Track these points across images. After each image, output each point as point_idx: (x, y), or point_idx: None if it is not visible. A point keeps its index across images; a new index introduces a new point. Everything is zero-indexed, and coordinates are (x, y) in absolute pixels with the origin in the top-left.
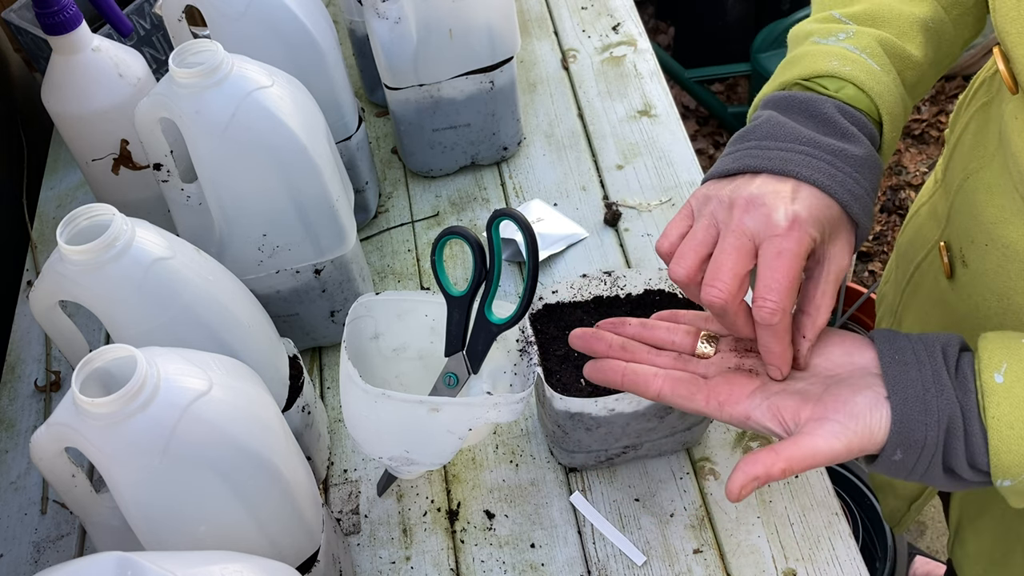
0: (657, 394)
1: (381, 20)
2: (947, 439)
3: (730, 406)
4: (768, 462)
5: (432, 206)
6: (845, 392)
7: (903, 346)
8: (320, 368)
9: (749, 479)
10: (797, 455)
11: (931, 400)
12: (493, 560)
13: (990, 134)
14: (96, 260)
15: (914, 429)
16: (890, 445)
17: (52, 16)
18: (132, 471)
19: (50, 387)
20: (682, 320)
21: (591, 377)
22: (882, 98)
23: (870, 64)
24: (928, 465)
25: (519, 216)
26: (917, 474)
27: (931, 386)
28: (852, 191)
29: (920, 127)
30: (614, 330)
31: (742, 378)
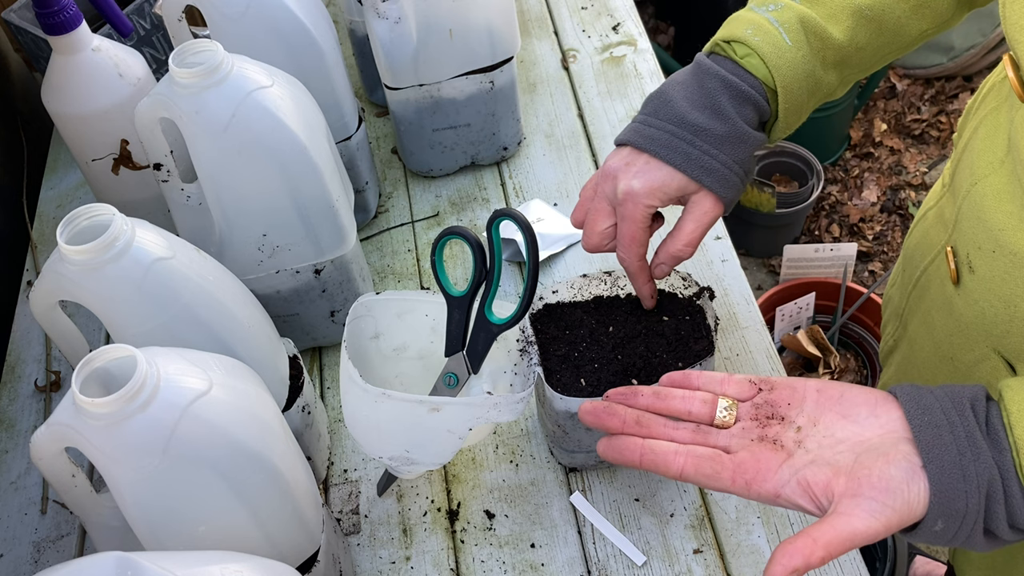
0: (679, 474)
1: (381, 20)
2: (988, 504)
3: (757, 484)
4: (807, 552)
5: (432, 206)
6: (879, 464)
7: (930, 405)
8: (320, 368)
9: (788, 572)
10: (835, 540)
11: (968, 466)
12: (493, 560)
13: (999, 140)
14: (96, 260)
15: (955, 499)
16: (930, 517)
17: (52, 16)
18: (132, 471)
19: (50, 387)
20: (695, 383)
21: (606, 456)
22: (780, 71)
23: (782, 39)
24: (970, 532)
25: (519, 216)
26: (958, 541)
27: (967, 450)
28: (704, 165)
29: (920, 127)
30: (626, 401)
31: (767, 452)
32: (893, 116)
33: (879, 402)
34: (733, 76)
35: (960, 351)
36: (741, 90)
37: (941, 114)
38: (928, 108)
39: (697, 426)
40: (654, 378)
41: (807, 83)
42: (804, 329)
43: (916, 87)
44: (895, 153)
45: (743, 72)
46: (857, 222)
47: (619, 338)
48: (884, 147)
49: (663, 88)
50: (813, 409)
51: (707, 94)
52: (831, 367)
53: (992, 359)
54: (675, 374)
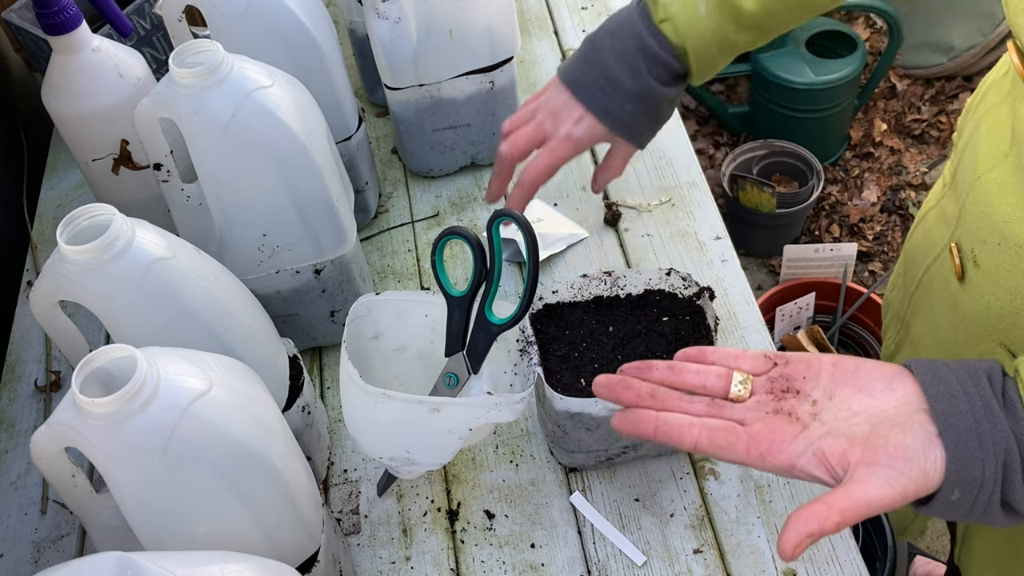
0: (694, 445)
1: (381, 20)
2: (1005, 473)
3: (772, 456)
4: (821, 517)
5: (432, 206)
6: (895, 433)
7: (946, 376)
8: (320, 368)
9: (803, 537)
10: (851, 506)
11: (984, 434)
12: (493, 560)
13: (1002, 135)
14: (96, 260)
15: (971, 467)
16: (947, 486)
17: (52, 16)
18: (132, 471)
19: (50, 387)
20: (710, 358)
21: (621, 428)
22: (691, 38)
23: (696, 8)
24: (987, 503)
25: (519, 216)
26: (975, 513)
27: (983, 419)
28: (620, 118)
29: (920, 127)
30: (640, 375)
31: (782, 424)
32: (893, 116)
33: (895, 375)
34: (649, 37)
35: (965, 348)
36: (653, 52)
37: (941, 114)
38: (928, 108)
39: (712, 400)
40: None
41: (718, 46)
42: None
43: (916, 87)
44: (895, 153)
45: (658, 35)
46: (857, 222)
47: (619, 338)
48: (884, 147)
49: (599, 33)
50: (828, 383)
51: (626, 50)
52: None
53: (998, 353)
54: (690, 349)
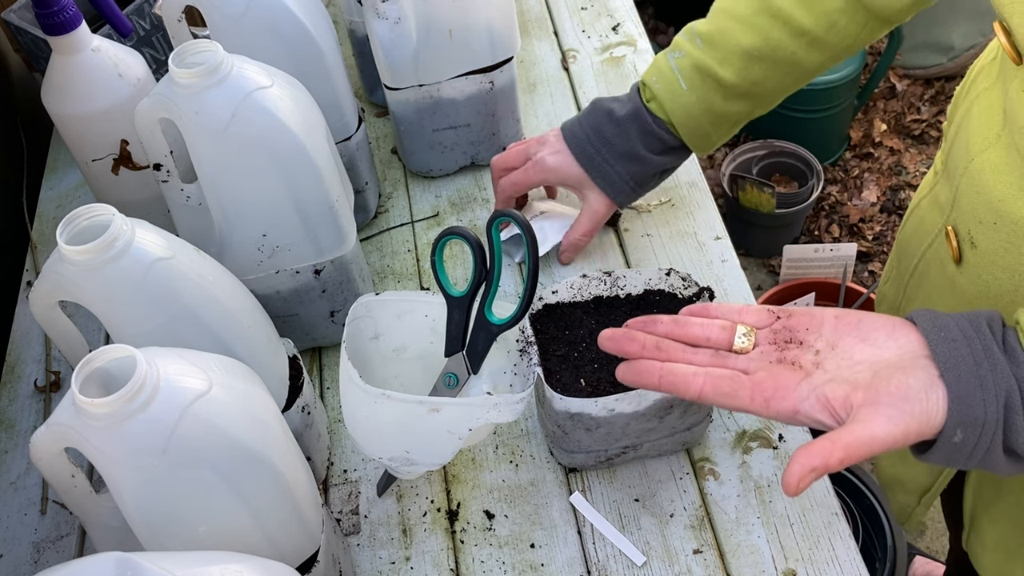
0: (698, 394)
1: (381, 20)
2: (1007, 415)
3: (776, 401)
4: (825, 453)
5: (432, 206)
6: (896, 375)
7: (947, 324)
8: (320, 368)
9: (807, 471)
10: (854, 443)
11: (986, 375)
12: (493, 560)
13: (994, 117)
14: (96, 260)
15: (973, 406)
16: (949, 426)
17: (52, 16)
18: (132, 471)
19: (50, 387)
20: (714, 314)
21: (625, 379)
22: (675, 113)
23: (678, 84)
24: (989, 445)
25: (519, 216)
26: (977, 456)
27: (984, 361)
28: (601, 171)
29: (920, 127)
30: (645, 329)
31: (785, 371)
32: (893, 116)
33: (897, 326)
34: (644, 111)
35: None
36: (646, 127)
37: (941, 114)
38: (928, 108)
39: (716, 351)
40: None
41: (706, 117)
42: None
43: (916, 87)
44: (895, 153)
45: (647, 112)
46: (857, 222)
47: None
48: (884, 147)
49: (606, 98)
50: (831, 333)
51: (624, 117)
52: None
53: None
54: (694, 306)
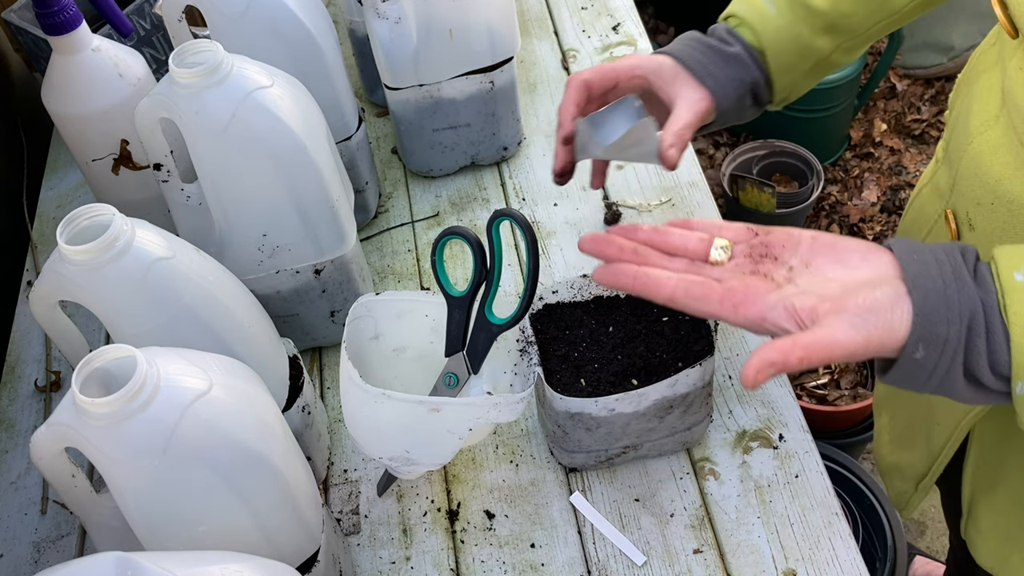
0: (670, 296)
1: (381, 20)
2: (969, 336)
3: (745, 308)
4: (785, 349)
5: (432, 206)
6: (865, 289)
7: (921, 248)
8: (320, 368)
9: (765, 364)
10: (815, 343)
11: (952, 295)
12: (493, 560)
13: (992, 100)
14: (96, 260)
15: (936, 323)
16: (912, 341)
17: (52, 16)
18: (132, 471)
19: (50, 387)
20: (695, 227)
21: (601, 280)
22: (765, 34)
23: (767, 8)
24: (950, 365)
25: (519, 216)
26: (937, 377)
27: (952, 282)
28: (699, 62)
29: (920, 127)
30: (626, 235)
31: (757, 282)
32: (893, 116)
33: (872, 250)
34: (724, 41)
35: None
36: (729, 53)
37: (941, 114)
38: (928, 108)
39: (692, 261)
40: (654, 378)
41: (794, 46)
42: None
43: (916, 87)
44: (895, 153)
45: (734, 36)
46: (857, 222)
47: (619, 338)
48: (884, 147)
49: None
50: (807, 252)
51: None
52: (831, 367)
53: None
54: (676, 220)
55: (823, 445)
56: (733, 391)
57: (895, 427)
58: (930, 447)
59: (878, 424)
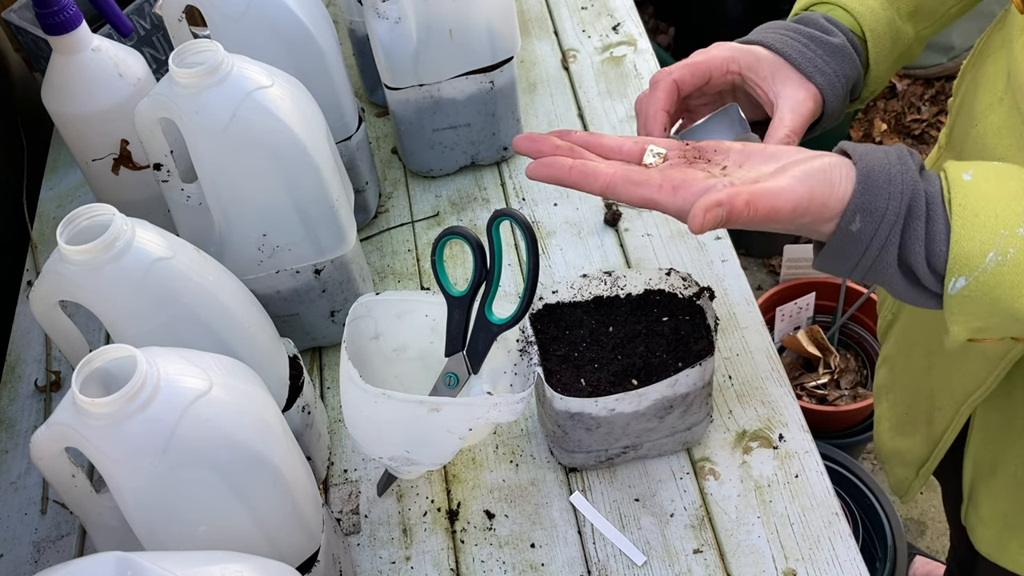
0: (607, 184)
1: (381, 20)
2: (908, 219)
3: (684, 190)
4: (732, 192)
5: (432, 206)
6: (808, 157)
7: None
8: (320, 368)
9: (712, 203)
10: (760, 191)
11: (896, 175)
12: (493, 560)
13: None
14: (96, 260)
15: (876, 194)
16: (850, 209)
17: (52, 16)
18: (132, 471)
19: (50, 387)
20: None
21: (535, 174)
22: (864, 16)
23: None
24: (884, 243)
25: (519, 216)
26: (871, 256)
27: (896, 164)
28: (801, 53)
29: (920, 127)
30: (560, 137)
31: (695, 171)
32: (893, 116)
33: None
34: (824, 31)
35: None
36: (834, 44)
37: (941, 114)
38: (928, 108)
39: (627, 163)
40: (654, 378)
41: (889, 30)
42: (804, 329)
43: (916, 87)
44: None
45: (834, 24)
46: None
47: (619, 338)
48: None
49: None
50: (738, 156)
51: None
52: (831, 367)
53: None
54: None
55: (823, 445)
56: (733, 391)
57: (895, 413)
58: (931, 432)
59: (878, 412)
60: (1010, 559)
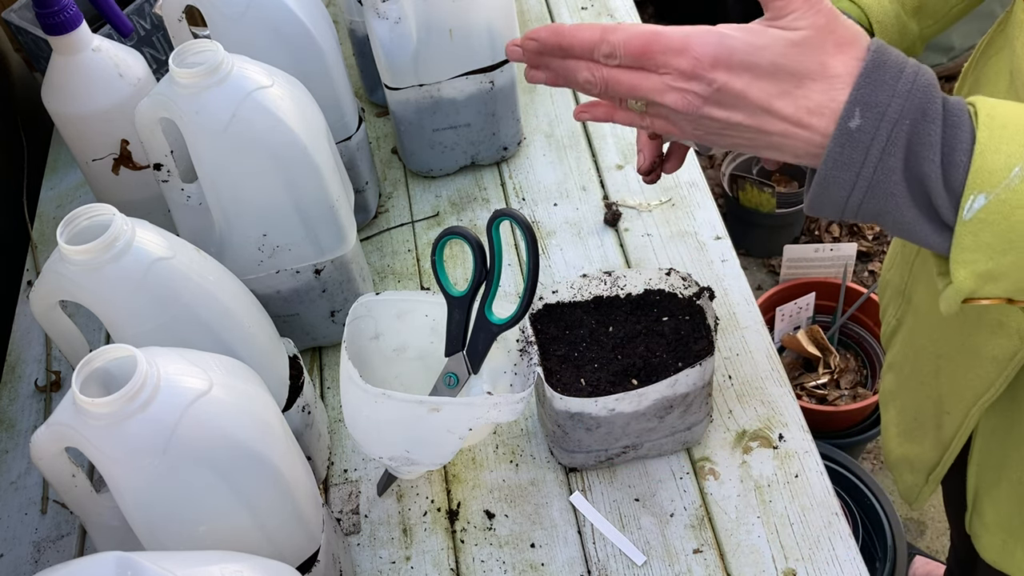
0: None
1: (381, 20)
2: (921, 120)
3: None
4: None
5: (432, 206)
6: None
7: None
8: (320, 368)
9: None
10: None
11: (909, 71)
12: (493, 560)
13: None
14: (96, 260)
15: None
16: (850, 102)
17: (52, 16)
18: (132, 471)
19: (50, 387)
20: None
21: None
22: (871, 8)
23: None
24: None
25: (519, 216)
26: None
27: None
28: None
29: None
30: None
31: None
32: None
33: None
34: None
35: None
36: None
37: None
38: None
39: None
40: (654, 378)
41: (896, 23)
42: (804, 329)
43: None
44: None
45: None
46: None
47: (619, 338)
48: None
49: None
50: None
51: None
52: (831, 367)
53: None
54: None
55: (823, 445)
56: (733, 391)
57: (903, 419)
58: (940, 437)
59: (885, 418)
60: (1017, 567)
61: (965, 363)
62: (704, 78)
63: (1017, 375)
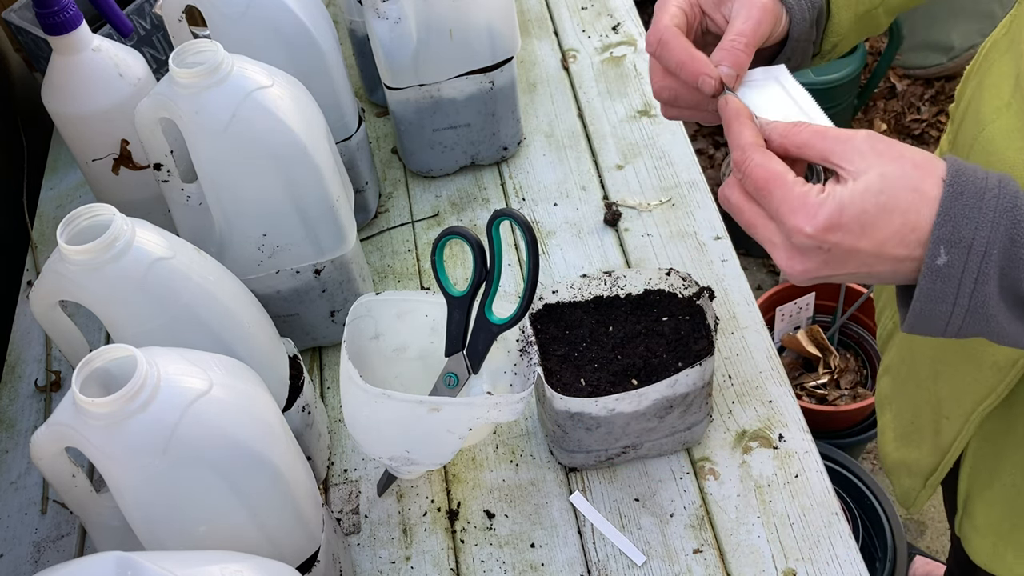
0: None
1: (381, 20)
2: (1008, 248)
3: None
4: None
5: (432, 206)
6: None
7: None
8: (320, 368)
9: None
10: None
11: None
12: (493, 560)
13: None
14: (96, 260)
15: (962, 218)
16: (933, 241)
17: (52, 16)
18: (132, 471)
19: (50, 387)
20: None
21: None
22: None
23: None
24: (977, 273)
25: (519, 216)
26: (966, 292)
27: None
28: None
29: (920, 127)
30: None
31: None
32: (893, 116)
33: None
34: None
35: None
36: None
37: (941, 114)
38: (928, 108)
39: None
40: (654, 378)
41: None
42: (804, 329)
43: (916, 87)
44: None
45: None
46: None
47: (619, 338)
48: None
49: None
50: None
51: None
52: (831, 367)
53: None
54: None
55: (823, 445)
56: (733, 391)
57: (900, 424)
58: (939, 442)
59: (881, 422)
60: (1007, 569)
61: (965, 369)
62: (818, 241)
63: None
